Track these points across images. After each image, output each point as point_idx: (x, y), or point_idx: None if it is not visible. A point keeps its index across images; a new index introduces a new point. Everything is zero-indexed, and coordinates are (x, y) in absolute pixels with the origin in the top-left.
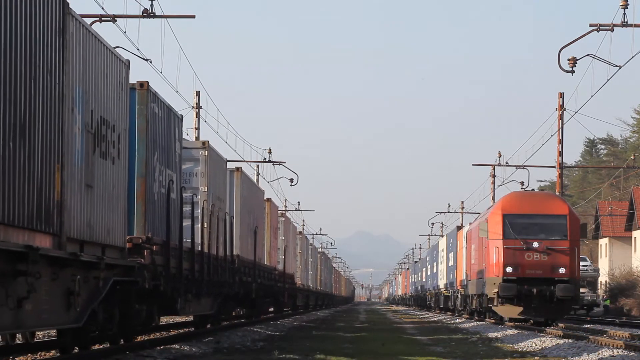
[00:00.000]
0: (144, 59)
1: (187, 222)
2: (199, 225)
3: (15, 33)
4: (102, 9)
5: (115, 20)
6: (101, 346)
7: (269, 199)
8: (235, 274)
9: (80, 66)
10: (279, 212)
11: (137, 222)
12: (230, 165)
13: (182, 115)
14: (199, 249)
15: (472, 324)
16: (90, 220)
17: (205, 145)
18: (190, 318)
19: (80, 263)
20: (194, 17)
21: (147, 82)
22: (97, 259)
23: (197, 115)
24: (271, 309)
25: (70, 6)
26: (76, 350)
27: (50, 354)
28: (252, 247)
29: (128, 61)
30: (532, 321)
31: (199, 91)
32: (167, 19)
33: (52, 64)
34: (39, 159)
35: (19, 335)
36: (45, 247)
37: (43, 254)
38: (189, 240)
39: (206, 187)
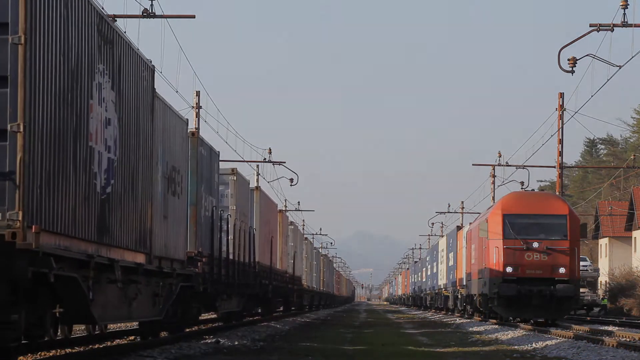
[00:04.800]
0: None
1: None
2: (231, 237)
3: (128, 117)
4: (102, 8)
5: (115, 20)
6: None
7: (281, 211)
8: (256, 277)
9: (161, 131)
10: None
11: (190, 240)
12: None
13: (219, 152)
14: (231, 257)
15: (471, 322)
16: (166, 241)
17: (234, 171)
18: (214, 315)
19: (162, 273)
20: (194, 17)
21: (197, 131)
22: (171, 270)
23: (197, 115)
24: (280, 308)
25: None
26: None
27: (51, 354)
28: (268, 253)
29: (187, 119)
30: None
31: (199, 91)
32: (167, 19)
33: (146, 133)
34: (140, 200)
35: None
36: (144, 263)
37: (144, 268)
38: (224, 250)
39: (235, 206)
